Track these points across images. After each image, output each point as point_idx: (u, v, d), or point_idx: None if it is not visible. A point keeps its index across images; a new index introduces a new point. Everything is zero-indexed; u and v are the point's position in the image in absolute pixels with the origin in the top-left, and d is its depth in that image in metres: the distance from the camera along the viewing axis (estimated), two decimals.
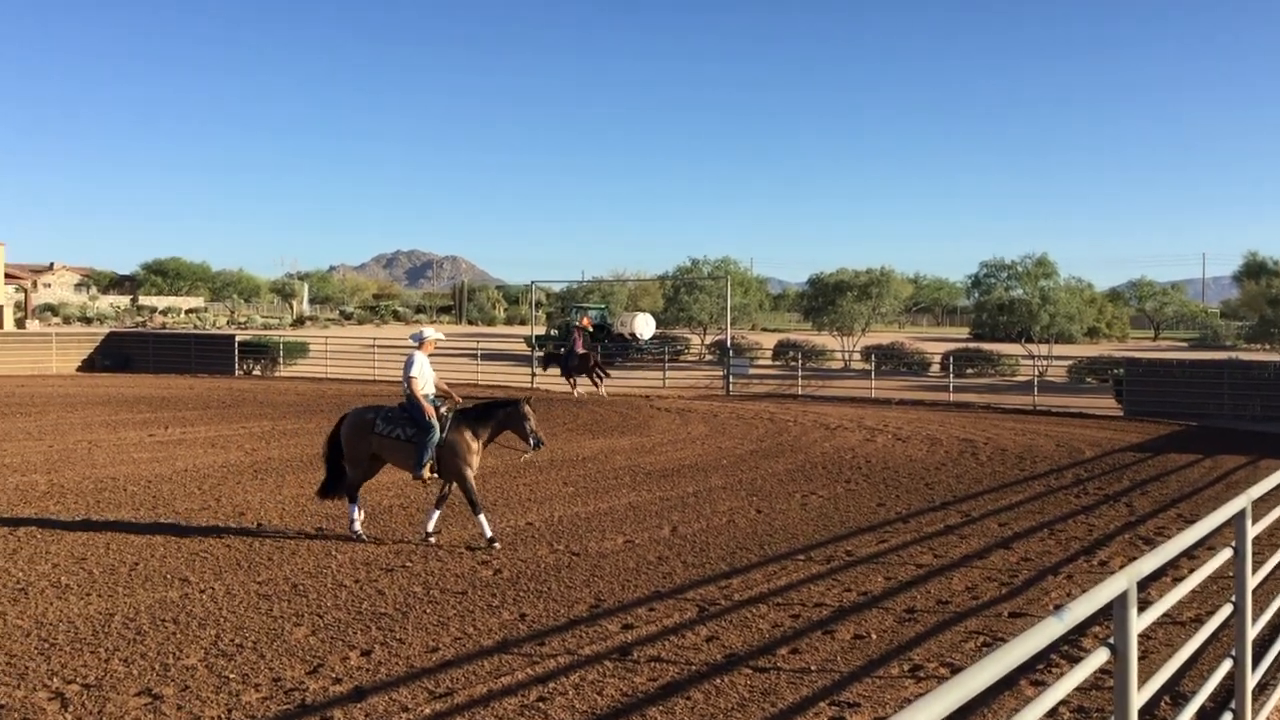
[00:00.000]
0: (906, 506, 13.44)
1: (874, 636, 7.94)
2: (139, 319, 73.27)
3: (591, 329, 50.50)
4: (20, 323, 56.79)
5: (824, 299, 48.48)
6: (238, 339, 40.63)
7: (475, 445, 11.00)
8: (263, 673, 6.98)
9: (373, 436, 11.12)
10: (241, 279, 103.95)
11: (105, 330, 47.44)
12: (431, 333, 11.80)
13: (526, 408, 11.15)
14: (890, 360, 39.97)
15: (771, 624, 8.22)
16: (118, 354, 40.81)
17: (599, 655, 7.40)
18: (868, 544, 11.19)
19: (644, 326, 49.91)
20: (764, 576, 9.73)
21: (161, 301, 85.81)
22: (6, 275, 56.23)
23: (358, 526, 11.13)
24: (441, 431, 10.90)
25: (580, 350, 30.04)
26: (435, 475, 10.98)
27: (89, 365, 40.48)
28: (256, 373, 38.78)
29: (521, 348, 48.54)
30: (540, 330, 51.99)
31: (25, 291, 64.50)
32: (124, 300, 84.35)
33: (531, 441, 11.01)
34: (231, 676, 6.89)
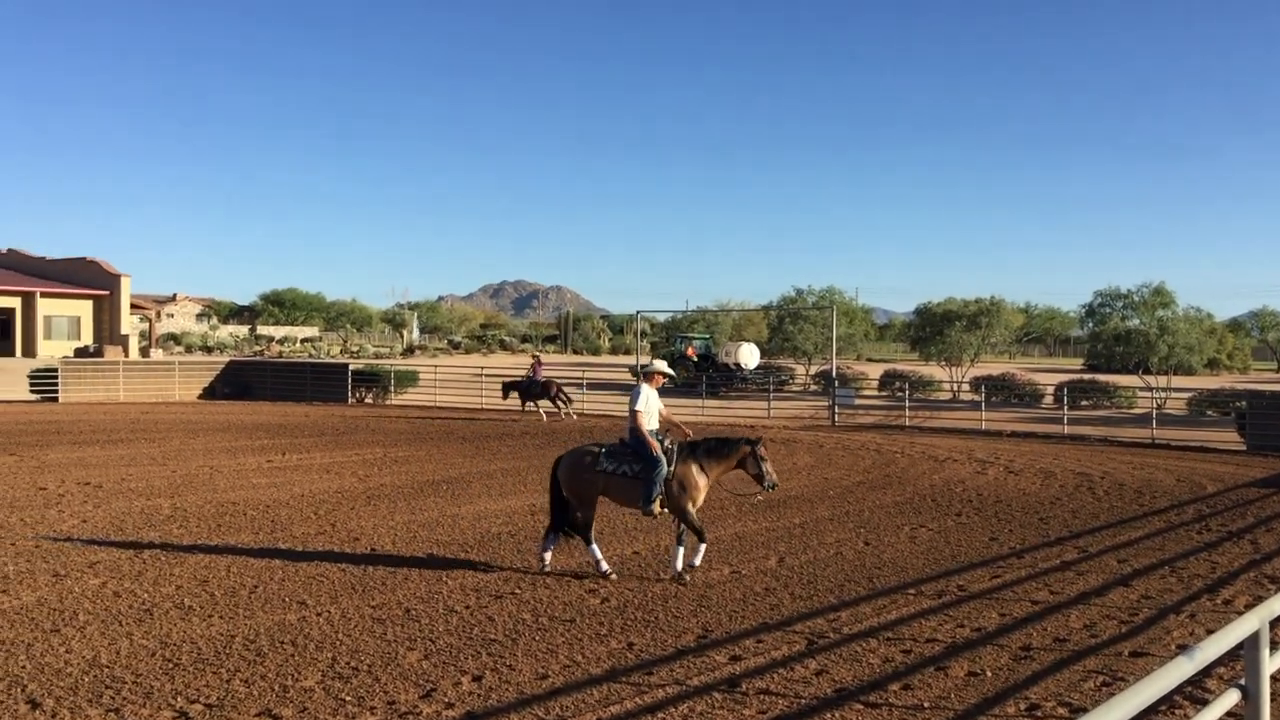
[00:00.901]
0: (1020, 541, 13.14)
1: (989, 674, 7.77)
2: (257, 348, 75.48)
3: (696, 358, 50.71)
4: (145, 351, 58.98)
5: (932, 329, 47.78)
6: (351, 368, 41.62)
7: (703, 481, 10.68)
8: (378, 696, 7.12)
9: (597, 475, 10.78)
10: (354, 309, 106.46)
11: (225, 359, 48.97)
12: (659, 365, 11.47)
13: (763, 448, 10.84)
14: (1001, 391, 39.19)
15: (882, 659, 8.10)
16: (237, 382, 42.13)
17: (707, 686, 7.38)
18: (980, 579, 10.97)
19: (748, 356, 49.80)
20: (873, 610, 9.61)
21: (278, 331, 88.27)
22: (132, 306, 58.51)
23: (604, 565, 10.74)
24: (669, 466, 10.61)
25: (540, 377, 33.58)
26: (665, 510, 10.68)
27: (210, 393, 41.86)
28: (369, 401, 39.64)
29: (627, 377, 48.80)
30: (645, 360, 52.20)
31: (150, 321, 66.97)
32: (243, 330, 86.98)
33: (766, 483, 10.68)
34: (348, 699, 7.04)
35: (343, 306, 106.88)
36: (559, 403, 33.17)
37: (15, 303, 54.77)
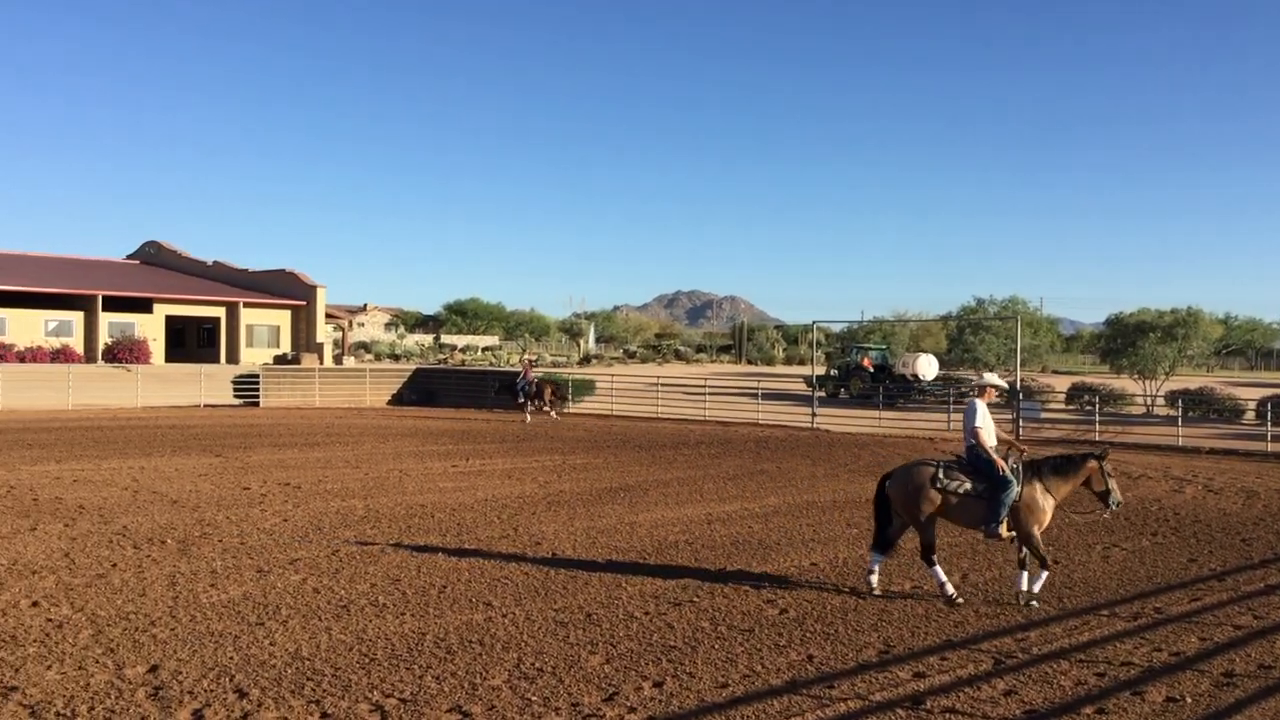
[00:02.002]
0: (1221, 563, 12.47)
1: (1189, 700, 7.41)
2: (441, 356, 77.95)
3: (872, 369, 49.92)
4: (338, 359, 61.68)
5: (1123, 340, 45.83)
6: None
7: (1049, 502, 10.20)
8: (562, 697, 7.27)
9: (936, 492, 10.28)
10: (533, 318, 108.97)
11: (412, 367, 50.75)
12: (992, 378, 11.00)
13: (1109, 465, 10.45)
14: (1199, 406, 37.23)
15: (1074, 681, 7.82)
16: (423, 389, 43.64)
17: (890, 702, 7.27)
18: (1178, 601, 10.46)
19: (927, 367, 48.76)
20: (1064, 631, 9.28)
21: (461, 340, 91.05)
22: (327, 315, 61.27)
23: (950, 589, 10.26)
24: (1016, 486, 10.14)
25: (531, 379, 36.47)
26: (1014, 533, 10.24)
27: (397, 399, 43.47)
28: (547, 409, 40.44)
29: (801, 387, 48.41)
30: (820, 370, 51.65)
31: (343, 330, 69.99)
32: (428, 338, 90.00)
33: (1112, 501, 10.26)
34: (533, 699, 7.22)
35: (522, 316, 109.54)
36: (537, 402, 36.12)
37: (220, 312, 58.04)
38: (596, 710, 7.02)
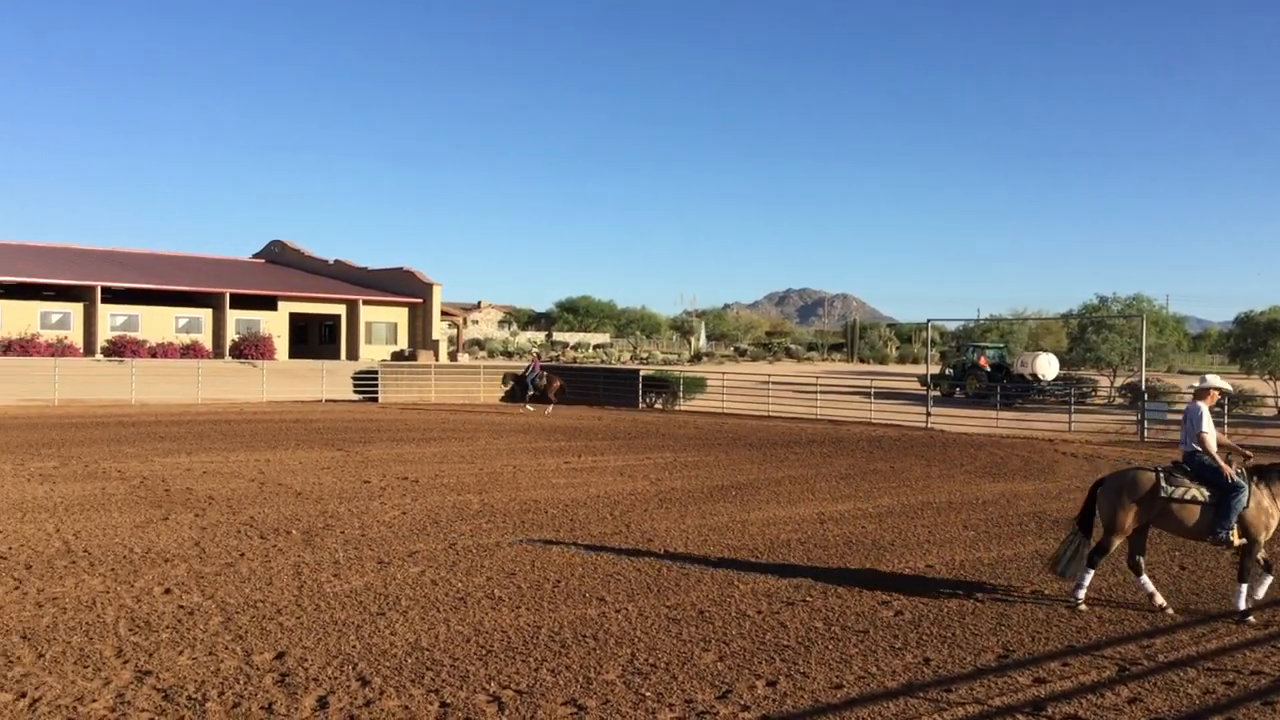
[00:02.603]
0: None
1: None
2: (552, 353, 78.76)
3: (989, 368, 48.93)
4: (453, 356, 62.78)
5: (1254, 339, 44.13)
6: (642, 374, 42.76)
7: (1275, 507, 9.82)
8: (675, 693, 7.30)
9: (1158, 500, 9.91)
10: (644, 316, 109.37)
11: (525, 364, 51.36)
12: (1215, 380, 10.54)
13: None
14: None
15: (1202, 689, 7.57)
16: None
17: (1010, 708, 7.14)
18: None
19: (1046, 367, 47.65)
20: (1190, 638, 8.99)
21: (572, 337, 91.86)
22: (442, 313, 62.40)
23: (1159, 599, 9.94)
24: (1246, 491, 9.75)
25: (540, 370, 38.77)
26: (1244, 540, 9.87)
27: (510, 396, 43.97)
28: (658, 406, 40.60)
29: (915, 386, 47.69)
30: (935, 369, 50.80)
31: (458, 328, 71.20)
32: (539, 336, 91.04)
33: None
34: (647, 695, 7.27)
35: (633, 314, 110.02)
36: (533, 398, 37.84)
37: (341, 310, 59.54)
38: (710, 708, 7.03)
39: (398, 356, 56.68)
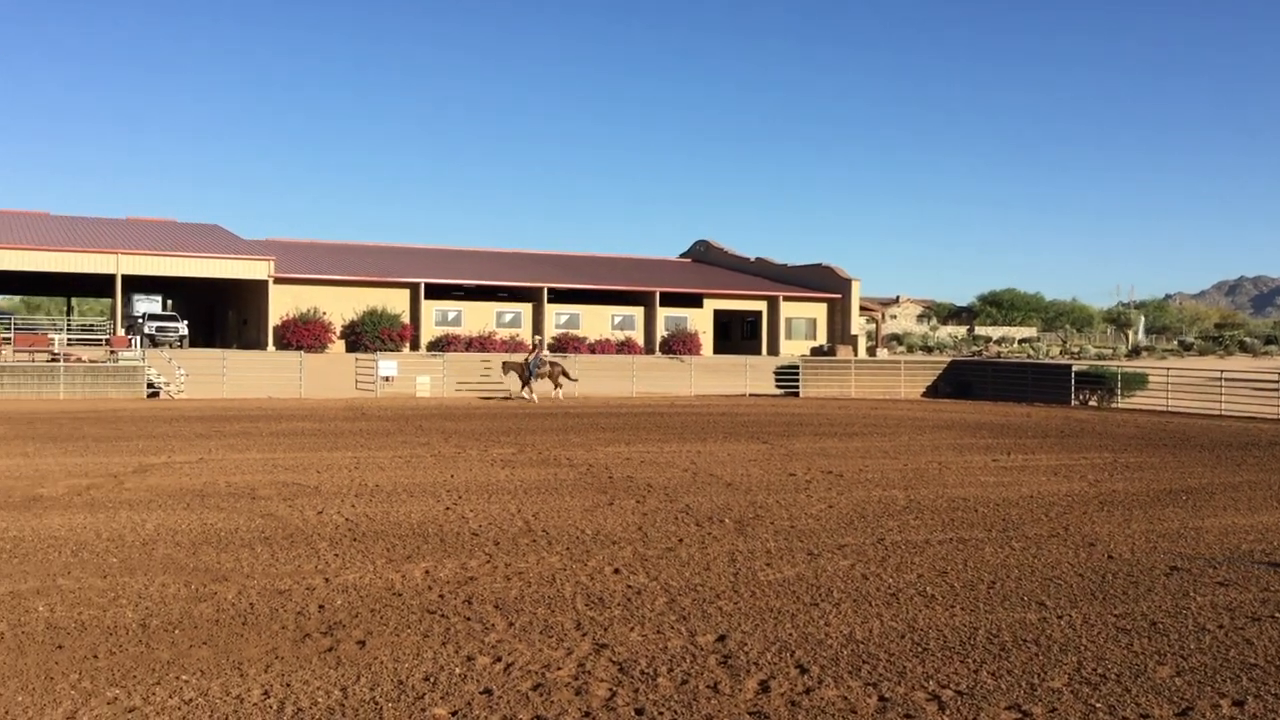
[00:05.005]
0: None
1: None
2: (974, 348, 76.40)
3: None
4: (872, 351, 62.51)
5: None
6: (1074, 369, 40.50)
7: None
8: (1129, 706, 6.87)
9: None
10: (1074, 309, 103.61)
11: (946, 359, 50.25)
12: None
13: None
14: None
15: None
16: (958, 381, 43.02)
17: None
18: None
19: None
20: None
21: (995, 331, 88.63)
22: (861, 307, 62.34)
23: None
24: None
25: (542, 358, 39.43)
26: None
27: (931, 391, 43.22)
28: (1092, 403, 38.31)
29: None
30: None
31: (876, 322, 70.81)
32: (960, 330, 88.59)
33: None
34: (1098, 705, 6.89)
35: (1061, 306, 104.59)
36: (528, 389, 38.75)
37: (762, 306, 61.07)
38: None
39: (817, 352, 57.28)
